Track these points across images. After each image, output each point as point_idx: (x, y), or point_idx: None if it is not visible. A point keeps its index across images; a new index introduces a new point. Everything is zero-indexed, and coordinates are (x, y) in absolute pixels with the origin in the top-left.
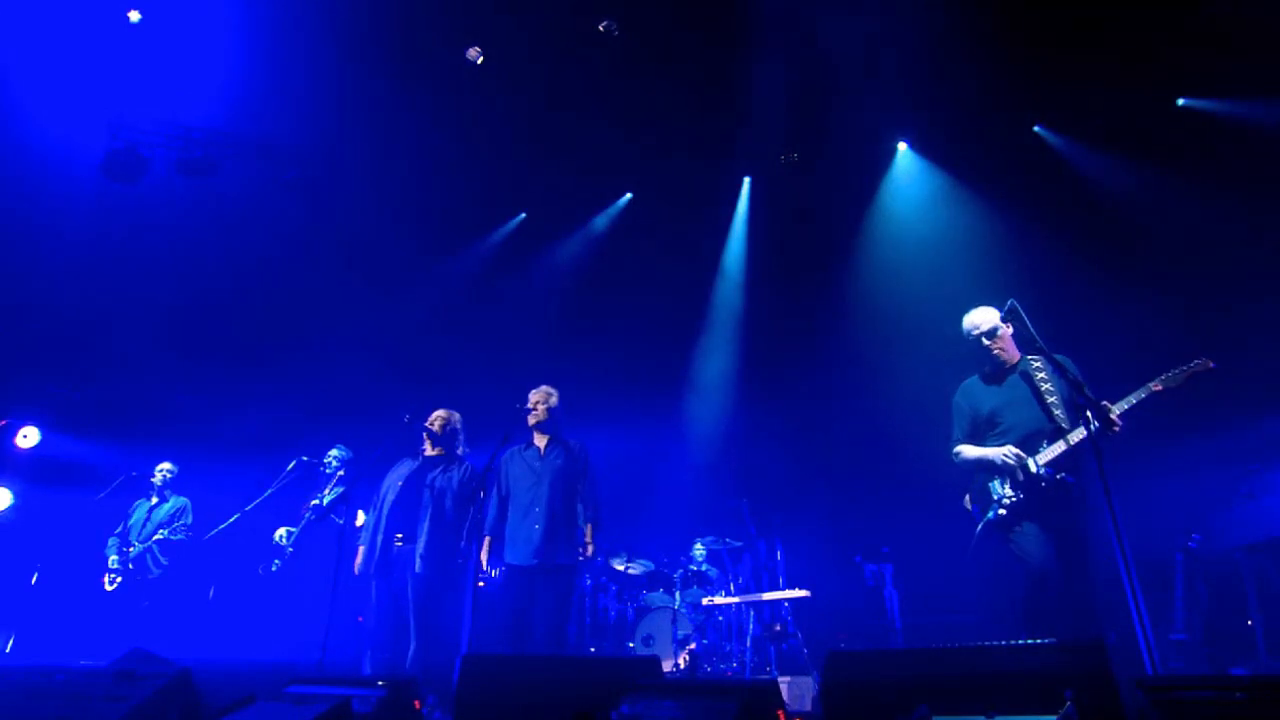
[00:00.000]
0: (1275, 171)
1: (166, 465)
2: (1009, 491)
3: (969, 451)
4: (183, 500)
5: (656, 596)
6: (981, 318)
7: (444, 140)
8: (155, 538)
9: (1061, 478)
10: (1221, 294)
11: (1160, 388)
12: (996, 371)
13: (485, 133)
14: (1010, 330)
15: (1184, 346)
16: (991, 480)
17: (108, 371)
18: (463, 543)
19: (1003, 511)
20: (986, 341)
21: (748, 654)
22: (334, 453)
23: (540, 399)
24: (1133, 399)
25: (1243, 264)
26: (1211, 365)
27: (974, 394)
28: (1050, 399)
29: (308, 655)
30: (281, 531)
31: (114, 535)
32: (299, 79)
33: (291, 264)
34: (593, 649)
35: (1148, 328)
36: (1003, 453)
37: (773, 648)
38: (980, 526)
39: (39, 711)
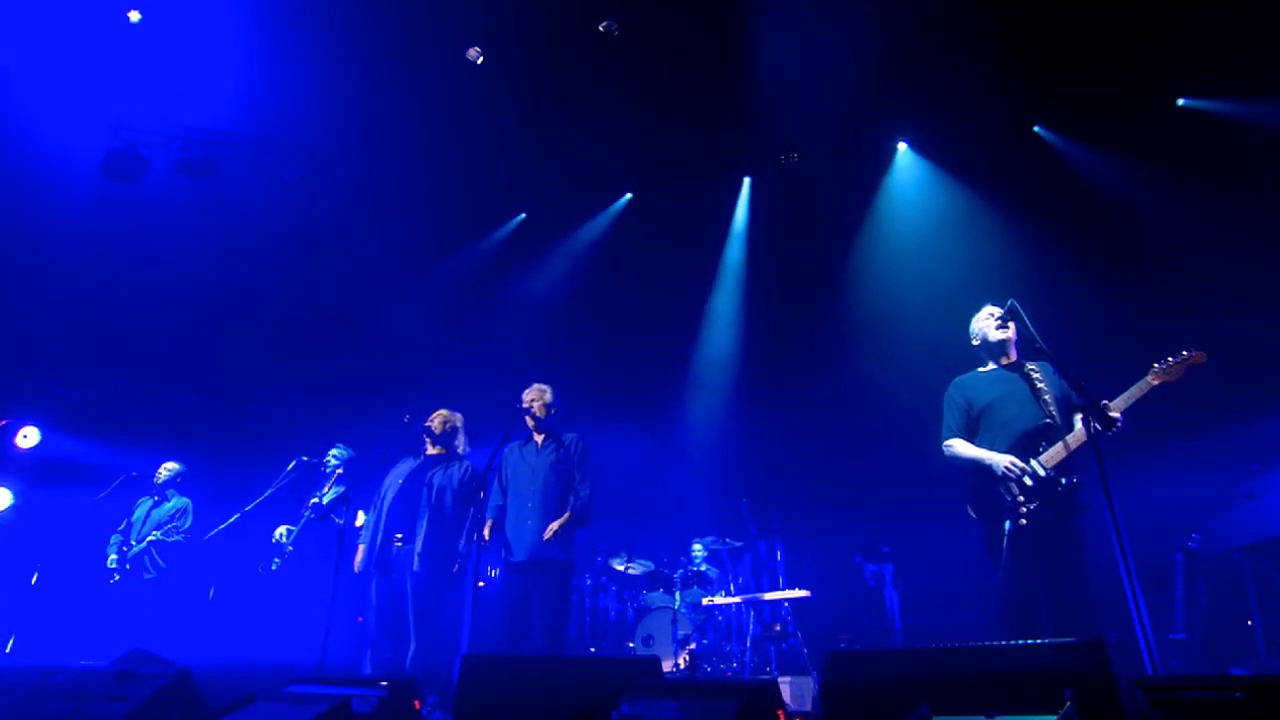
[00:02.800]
0: (1275, 171)
1: (172, 465)
2: (1023, 499)
3: (963, 448)
4: (184, 501)
5: (656, 596)
6: (992, 311)
7: (444, 140)
8: (150, 538)
9: (1076, 481)
10: (1221, 294)
11: (1158, 381)
12: (994, 368)
13: (485, 133)
14: (1012, 330)
15: (1184, 347)
16: (995, 487)
17: (108, 371)
18: (462, 542)
19: (1023, 522)
20: (999, 335)
21: (748, 654)
22: (334, 452)
23: (535, 397)
24: (1131, 396)
25: (1242, 263)
26: (1205, 357)
27: (969, 387)
28: (1045, 397)
29: (308, 655)
30: (281, 530)
31: (116, 533)
32: (299, 79)
33: (291, 264)
34: (593, 649)
35: (1148, 328)
36: (1006, 464)
37: (773, 648)
38: (1006, 542)
39: (39, 711)
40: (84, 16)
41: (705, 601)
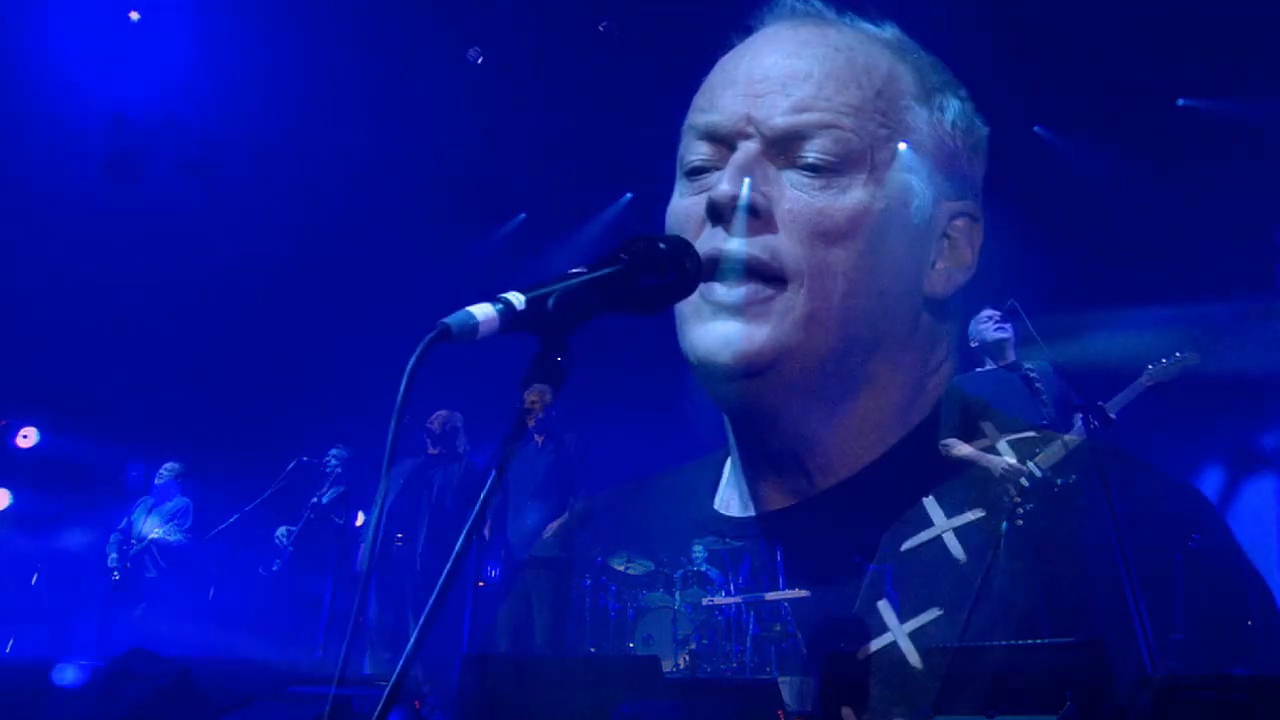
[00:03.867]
0: (1275, 172)
1: (172, 464)
2: (1020, 499)
3: (959, 449)
4: (184, 501)
5: (656, 596)
6: (990, 313)
7: (444, 140)
8: (151, 537)
9: (1075, 480)
10: (1221, 294)
11: (1151, 382)
12: (992, 369)
13: (485, 133)
14: (1010, 331)
15: (1184, 347)
16: (993, 487)
17: (107, 371)
18: (460, 542)
19: (1020, 523)
20: (997, 335)
21: (748, 654)
22: (334, 452)
23: (535, 398)
24: (1126, 397)
25: (1243, 263)
26: (1197, 359)
27: (967, 388)
28: (1043, 397)
29: (308, 655)
30: (281, 531)
31: (116, 532)
32: (298, 79)
33: (291, 263)
34: (592, 649)
35: (1147, 328)
36: (1003, 466)
37: (773, 648)
38: (1003, 543)
39: (40, 711)
40: (84, 16)
41: (705, 601)
